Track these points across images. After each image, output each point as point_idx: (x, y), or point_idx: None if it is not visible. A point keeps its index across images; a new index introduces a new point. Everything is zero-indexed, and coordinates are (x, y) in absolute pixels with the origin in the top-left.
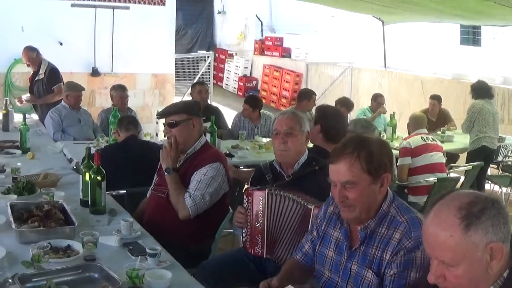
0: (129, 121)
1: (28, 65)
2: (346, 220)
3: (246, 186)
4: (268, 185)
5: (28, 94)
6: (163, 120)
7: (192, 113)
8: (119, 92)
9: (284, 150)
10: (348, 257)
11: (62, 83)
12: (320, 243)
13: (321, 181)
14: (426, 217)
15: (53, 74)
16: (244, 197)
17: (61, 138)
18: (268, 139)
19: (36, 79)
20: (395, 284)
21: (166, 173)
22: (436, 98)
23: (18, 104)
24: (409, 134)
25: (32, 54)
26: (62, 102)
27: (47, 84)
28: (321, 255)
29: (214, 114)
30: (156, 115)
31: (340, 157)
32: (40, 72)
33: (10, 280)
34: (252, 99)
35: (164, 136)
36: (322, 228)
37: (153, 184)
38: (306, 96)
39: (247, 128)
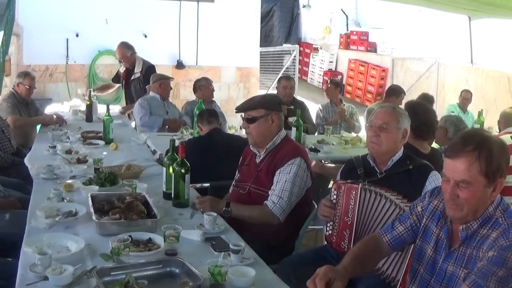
0: (209, 113)
1: (120, 62)
2: (450, 218)
3: (336, 179)
4: (360, 179)
5: (120, 107)
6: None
7: (270, 108)
8: (208, 81)
9: (375, 142)
10: (445, 258)
11: None
12: (421, 238)
13: (414, 180)
14: None
15: (150, 72)
16: (333, 189)
17: (148, 120)
18: (354, 135)
19: (132, 78)
20: (479, 274)
21: (226, 215)
22: None
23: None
24: (499, 131)
25: (127, 52)
26: (151, 93)
27: (143, 83)
28: (420, 250)
29: (300, 108)
30: (235, 110)
31: (460, 154)
32: (136, 71)
33: (88, 273)
34: (332, 79)
35: (241, 128)
36: (423, 221)
37: (234, 180)
38: (395, 92)
39: (331, 112)
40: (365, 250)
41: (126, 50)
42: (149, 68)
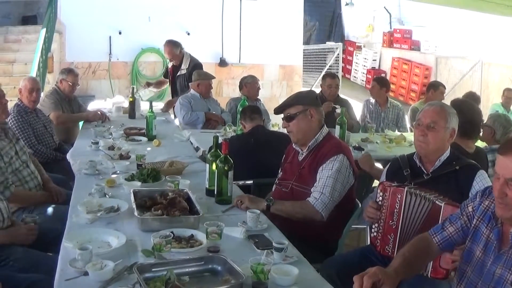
0: (252, 110)
1: (170, 60)
2: (500, 218)
3: (381, 180)
4: (406, 181)
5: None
6: None
7: (307, 103)
8: (255, 79)
9: (422, 142)
10: (494, 260)
11: None
12: (471, 239)
13: (461, 181)
14: None
15: (195, 70)
16: (379, 191)
17: (190, 117)
18: (398, 133)
19: (178, 74)
20: None
21: (267, 210)
22: None
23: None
24: None
25: (176, 51)
26: (192, 91)
27: (188, 80)
28: (469, 252)
29: (344, 106)
30: (274, 111)
31: None
32: (182, 67)
33: (128, 269)
34: (379, 78)
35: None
36: (474, 222)
37: (277, 178)
38: (432, 86)
39: (374, 112)
40: (415, 253)
41: (175, 49)
42: (195, 66)
